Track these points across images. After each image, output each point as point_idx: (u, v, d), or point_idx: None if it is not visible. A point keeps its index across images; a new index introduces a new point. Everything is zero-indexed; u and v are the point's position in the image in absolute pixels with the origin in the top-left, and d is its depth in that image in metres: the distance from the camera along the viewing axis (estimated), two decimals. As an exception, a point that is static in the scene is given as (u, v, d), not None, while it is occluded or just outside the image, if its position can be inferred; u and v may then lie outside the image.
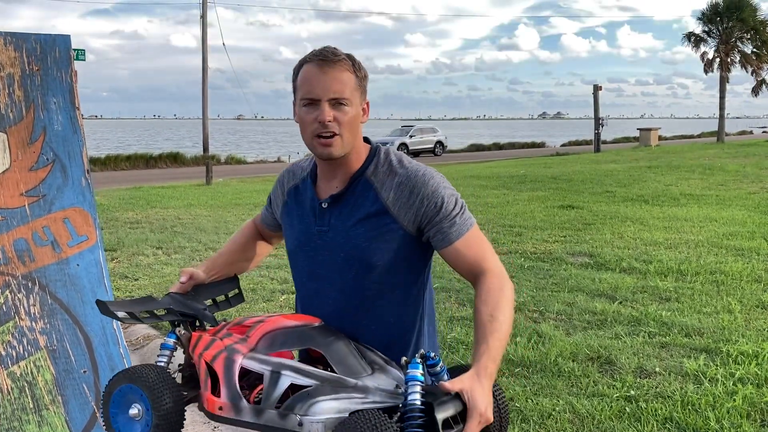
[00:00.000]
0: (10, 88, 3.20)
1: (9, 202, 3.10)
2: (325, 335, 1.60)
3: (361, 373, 1.50)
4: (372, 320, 1.71)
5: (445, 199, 1.64)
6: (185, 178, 19.87)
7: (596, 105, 32.86)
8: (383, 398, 1.43)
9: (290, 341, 1.57)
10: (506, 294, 1.58)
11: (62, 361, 2.98)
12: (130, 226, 10.10)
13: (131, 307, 1.72)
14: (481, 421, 1.36)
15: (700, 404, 3.57)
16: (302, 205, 1.80)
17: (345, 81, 1.64)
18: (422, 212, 1.64)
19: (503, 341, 1.50)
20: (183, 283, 1.85)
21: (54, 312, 3.03)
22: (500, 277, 1.61)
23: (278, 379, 1.46)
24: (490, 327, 1.50)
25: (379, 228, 1.66)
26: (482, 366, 1.43)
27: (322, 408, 1.40)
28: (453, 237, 1.63)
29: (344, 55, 1.66)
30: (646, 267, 6.79)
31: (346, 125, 1.64)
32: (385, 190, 1.67)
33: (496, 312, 1.52)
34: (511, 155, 33.79)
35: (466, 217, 1.66)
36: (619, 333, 4.78)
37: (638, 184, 14.84)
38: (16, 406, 2.81)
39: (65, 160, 3.24)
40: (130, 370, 1.59)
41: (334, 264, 1.71)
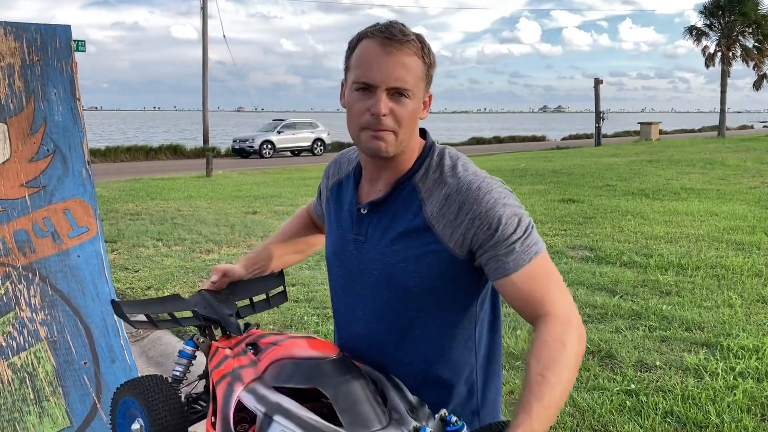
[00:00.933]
0: (10, 78, 3.18)
1: (9, 193, 3.08)
2: (339, 372, 1.35)
3: (372, 426, 1.27)
4: (406, 352, 1.46)
5: (503, 219, 1.33)
6: (185, 170, 19.85)
7: (597, 99, 32.81)
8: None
9: (297, 376, 1.35)
10: (568, 349, 1.24)
11: (63, 352, 2.97)
12: (130, 218, 10.10)
13: (151, 307, 1.57)
14: None
15: (700, 398, 3.57)
16: (342, 206, 1.55)
17: (411, 68, 1.36)
18: (472, 234, 1.35)
19: (552, 409, 1.18)
20: (215, 282, 1.66)
21: (54, 303, 3.03)
22: (564, 325, 1.28)
23: (270, 424, 1.27)
24: (537, 390, 1.18)
25: (418, 247, 1.39)
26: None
27: None
28: (509, 268, 1.32)
29: (414, 36, 1.37)
30: (646, 261, 6.78)
31: (404, 122, 1.37)
32: (431, 203, 1.40)
33: (548, 372, 1.20)
34: (511, 148, 33.74)
35: (529, 243, 1.34)
36: (619, 327, 4.78)
37: (639, 178, 14.82)
38: (16, 397, 2.81)
39: (66, 151, 3.22)
40: (133, 382, 1.49)
41: (368, 281, 1.46)
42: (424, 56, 1.38)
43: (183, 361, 1.58)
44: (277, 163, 23.88)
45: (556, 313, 1.29)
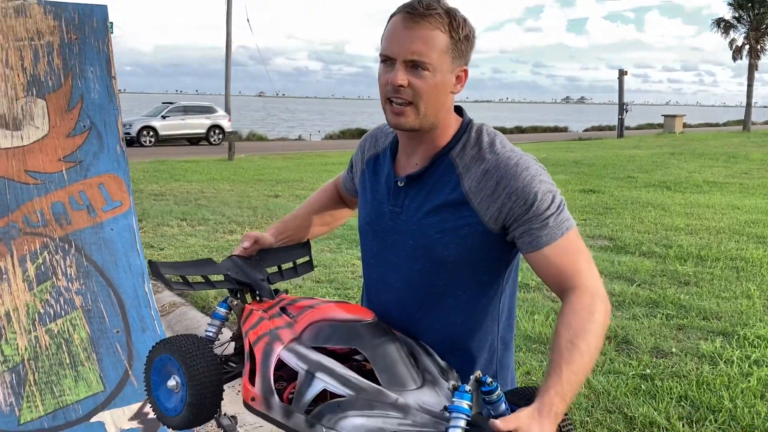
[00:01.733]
0: (49, 56, 3.29)
1: (47, 167, 3.20)
2: (375, 335, 1.41)
3: (408, 385, 1.33)
4: (436, 319, 1.51)
5: (539, 195, 1.38)
6: (208, 154, 20.04)
7: (621, 90, 32.54)
8: (423, 422, 1.25)
9: (336, 337, 1.41)
10: (596, 318, 1.30)
11: (96, 320, 3.09)
12: (155, 198, 10.27)
13: (185, 270, 1.62)
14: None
15: (714, 384, 3.63)
16: (379, 178, 1.60)
17: (431, 41, 1.37)
18: (508, 208, 1.39)
19: (581, 375, 1.25)
20: (246, 248, 1.71)
21: (89, 274, 3.15)
22: (593, 297, 1.33)
23: (312, 381, 1.32)
24: (567, 356, 1.25)
25: (455, 220, 1.44)
26: (547, 402, 1.20)
27: (350, 424, 1.25)
28: (543, 242, 1.38)
29: (442, 9, 1.39)
30: (665, 251, 6.81)
31: (424, 94, 1.39)
32: (468, 177, 1.44)
33: (578, 339, 1.26)
34: (533, 139, 33.60)
35: (562, 219, 1.39)
36: (636, 314, 4.84)
37: (661, 171, 14.75)
38: (53, 361, 2.93)
39: (101, 127, 3.33)
40: (170, 341, 1.53)
41: (402, 251, 1.52)
42: (451, 30, 1.39)
43: (216, 323, 1.64)
44: (300, 148, 23.99)
45: (585, 285, 1.34)
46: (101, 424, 2.91)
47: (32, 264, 3.03)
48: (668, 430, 3.18)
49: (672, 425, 3.21)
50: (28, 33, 3.26)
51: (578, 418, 3.30)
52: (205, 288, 1.64)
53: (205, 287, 1.63)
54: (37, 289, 3.01)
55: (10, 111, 3.15)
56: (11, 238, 3.02)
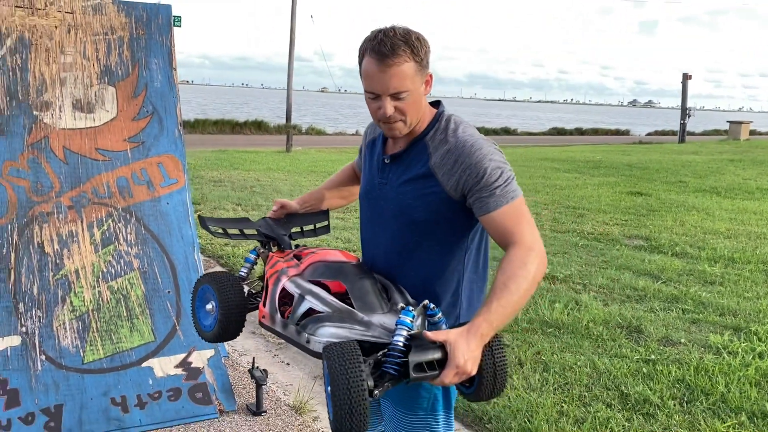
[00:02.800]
0: (120, 48, 3.76)
1: (114, 146, 3.67)
2: (356, 273, 1.79)
3: (376, 311, 1.67)
4: (410, 268, 1.85)
5: (488, 170, 1.70)
6: (267, 145, 20.71)
7: (684, 94, 31.89)
8: (380, 335, 1.59)
9: (327, 273, 1.80)
10: (528, 268, 1.60)
11: (151, 281, 3.54)
12: (214, 184, 10.86)
13: (226, 224, 2.08)
14: (457, 372, 1.48)
15: (713, 371, 3.85)
16: (373, 157, 1.96)
17: (404, 74, 1.70)
18: (464, 181, 1.72)
19: (508, 309, 1.57)
20: (275, 211, 2.16)
21: (146, 241, 3.60)
22: (527, 251, 1.63)
23: (302, 301, 1.71)
24: (498, 293, 1.57)
25: (423, 189, 1.78)
26: (476, 324, 1.53)
27: (326, 332, 1.61)
28: (491, 207, 1.68)
29: (402, 44, 1.69)
30: (698, 253, 6.94)
31: (408, 111, 1.75)
32: (435, 156, 1.77)
33: (510, 281, 1.58)
34: (591, 141, 33.28)
35: (508, 190, 1.70)
36: (654, 307, 5.06)
37: (714, 176, 14.62)
38: (113, 313, 3.39)
39: (162, 113, 3.79)
40: (210, 274, 1.97)
41: (387, 214, 1.87)
42: (414, 56, 1.71)
43: (247, 265, 2.06)
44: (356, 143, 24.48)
45: (521, 242, 1.66)
46: (150, 369, 3.36)
47: (98, 230, 3.50)
48: (660, 407, 3.44)
49: (664, 403, 3.47)
50: (103, 28, 3.74)
51: (577, 392, 3.59)
52: (240, 239, 2.09)
53: (239, 238, 2.08)
54: (101, 251, 3.48)
55: (85, 96, 3.64)
56: (82, 207, 3.49)
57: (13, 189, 3.32)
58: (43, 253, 3.32)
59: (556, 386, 3.67)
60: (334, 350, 1.49)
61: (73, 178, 3.49)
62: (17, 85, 3.43)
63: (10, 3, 3.46)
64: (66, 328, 3.27)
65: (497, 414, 3.36)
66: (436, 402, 1.88)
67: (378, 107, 1.76)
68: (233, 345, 4.29)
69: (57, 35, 3.57)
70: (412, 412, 1.87)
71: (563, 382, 3.72)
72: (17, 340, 3.15)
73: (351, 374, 1.43)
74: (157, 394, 3.30)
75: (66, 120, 3.55)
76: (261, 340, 4.46)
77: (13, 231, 3.27)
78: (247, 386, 3.70)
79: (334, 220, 7.90)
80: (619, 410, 3.42)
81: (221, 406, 3.41)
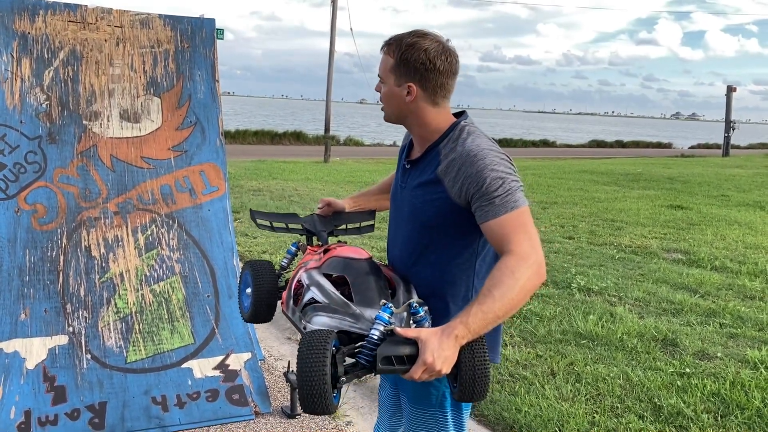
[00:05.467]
0: (165, 61, 3.91)
1: (159, 155, 3.81)
2: (361, 268, 1.89)
3: (373, 305, 1.75)
4: (421, 269, 1.94)
5: (488, 180, 1.75)
6: (306, 156, 20.97)
7: (728, 107, 31.31)
8: (367, 327, 1.69)
9: (337, 267, 1.92)
10: (516, 277, 1.62)
11: (191, 285, 3.66)
12: (253, 193, 11.05)
13: (273, 218, 2.26)
14: (426, 369, 1.56)
15: (750, 386, 3.81)
16: (400, 162, 2.11)
17: (383, 64, 1.94)
18: (466, 189, 1.80)
19: (489, 315, 1.61)
20: (321, 208, 2.32)
21: (188, 246, 3.73)
22: (519, 261, 1.65)
23: (307, 291, 1.86)
24: (481, 298, 1.63)
25: (431, 194, 1.88)
26: (451, 326, 1.59)
27: (318, 320, 1.76)
28: (489, 216, 1.74)
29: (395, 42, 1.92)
30: (738, 267, 6.84)
31: (383, 98, 1.97)
32: (444, 163, 1.87)
33: (494, 288, 1.62)
34: (632, 153, 32.85)
35: (509, 200, 1.74)
36: (691, 321, 5.01)
37: (759, 191, 14.34)
38: (155, 315, 3.52)
39: (204, 123, 3.92)
40: (251, 262, 2.13)
41: (404, 215, 2.00)
42: (393, 53, 1.90)
43: (288, 256, 2.22)
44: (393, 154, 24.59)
45: (515, 251, 1.67)
46: (190, 369, 3.47)
47: (142, 235, 3.64)
48: (693, 420, 3.43)
49: (698, 416, 3.45)
50: (149, 41, 3.89)
51: (609, 403, 3.59)
52: (284, 232, 2.28)
53: (283, 231, 2.27)
54: (145, 256, 3.61)
55: (132, 107, 3.79)
56: (127, 213, 3.63)
57: (63, 195, 3.48)
58: (90, 256, 3.46)
59: (588, 397, 3.67)
60: (307, 336, 1.59)
61: (120, 185, 3.63)
62: (68, 95, 3.59)
63: (63, 18, 3.64)
64: (110, 329, 3.40)
65: (528, 423, 3.39)
66: (444, 399, 1.97)
67: None
68: (269, 350, 4.39)
69: (106, 48, 3.73)
70: (423, 408, 1.98)
71: (595, 393, 3.73)
72: (65, 339, 3.29)
73: (313, 359, 1.53)
74: (195, 395, 3.40)
75: (113, 129, 3.70)
76: (296, 345, 4.55)
77: (63, 235, 3.42)
78: (282, 389, 3.79)
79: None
80: (652, 422, 3.41)
81: (257, 408, 3.50)
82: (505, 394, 3.66)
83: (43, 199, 3.42)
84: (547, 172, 17.16)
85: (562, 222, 9.33)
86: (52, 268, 3.36)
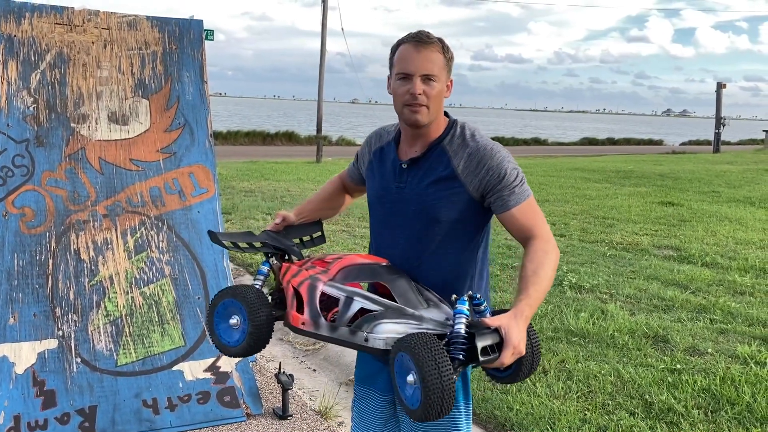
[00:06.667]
0: (153, 63, 3.90)
1: (148, 157, 3.80)
2: (390, 273, 1.92)
3: (418, 307, 1.79)
4: (432, 265, 1.97)
5: (508, 171, 1.89)
6: (298, 156, 20.95)
7: (719, 103, 31.46)
8: (435, 326, 1.71)
9: (363, 275, 1.90)
10: (551, 257, 1.83)
11: (181, 287, 3.65)
12: (245, 194, 11.03)
13: (236, 238, 2.09)
14: (514, 352, 1.62)
15: (740, 381, 3.83)
16: (385, 164, 2.07)
17: (435, 60, 1.89)
18: (486, 180, 1.89)
19: (542, 293, 1.77)
20: (277, 223, 2.21)
21: (177, 248, 3.71)
22: (548, 242, 1.86)
23: (351, 303, 1.80)
24: (532, 279, 1.77)
25: (447, 190, 1.92)
26: (520, 309, 1.69)
27: (384, 329, 1.71)
28: (511, 204, 1.88)
29: (436, 39, 1.92)
30: (729, 263, 6.87)
31: (433, 98, 1.90)
32: (456, 159, 1.92)
33: (539, 269, 1.79)
34: (623, 151, 32.96)
35: (524, 189, 1.91)
36: (681, 317, 5.03)
37: (749, 186, 14.41)
38: (145, 318, 3.51)
39: (193, 124, 3.91)
40: (233, 288, 1.97)
41: (406, 215, 1.98)
42: (444, 52, 1.92)
43: (261, 278, 2.05)
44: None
45: (542, 235, 1.88)
46: (180, 372, 3.46)
47: (132, 237, 3.62)
48: (684, 416, 3.44)
49: (688, 412, 3.47)
50: (137, 43, 3.88)
51: (601, 400, 3.60)
52: (251, 251, 2.13)
53: (250, 250, 2.12)
54: (134, 258, 3.60)
55: (120, 109, 3.77)
56: (116, 215, 3.62)
57: (52, 198, 3.46)
58: (80, 259, 3.45)
59: (580, 394, 3.68)
60: (415, 341, 1.57)
61: (108, 188, 3.62)
62: (56, 98, 3.58)
63: (50, 20, 3.62)
64: (100, 332, 3.39)
65: (519, 421, 3.39)
66: (458, 393, 1.98)
67: (407, 89, 1.90)
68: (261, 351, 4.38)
69: (94, 50, 3.72)
70: None
71: (587, 390, 3.73)
72: (54, 343, 3.28)
73: (441, 361, 1.53)
74: (186, 397, 3.40)
75: (102, 132, 3.69)
76: (288, 346, 4.55)
77: (51, 238, 3.41)
78: (274, 391, 3.78)
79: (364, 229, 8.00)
80: (643, 418, 3.42)
81: (248, 410, 3.50)
82: (496, 393, 3.67)
83: (32, 203, 3.40)
84: (539, 170, 17.19)
85: (553, 220, 9.35)
86: (41, 271, 3.34)
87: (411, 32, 1.95)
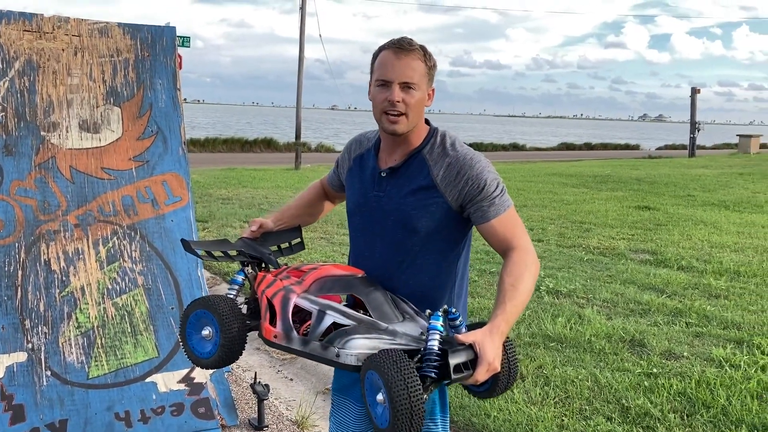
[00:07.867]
0: (125, 70, 3.85)
1: (120, 165, 3.75)
2: (366, 285, 1.86)
3: (393, 320, 1.75)
4: (410, 276, 1.94)
5: (488, 181, 1.85)
6: (276, 163, 20.85)
7: (693, 108, 31.84)
8: (408, 342, 1.67)
9: (337, 287, 1.85)
10: (530, 270, 1.78)
11: (155, 297, 3.60)
12: (222, 202, 10.95)
13: (209, 246, 2.03)
14: (489, 369, 1.59)
15: (715, 384, 3.85)
16: (364, 171, 2.03)
17: (415, 68, 1.85)
18: (466, 191, 1.85)
19: (519, 307, 1.73)
20: (254, 231, 2.14)
21: (150, 257, 3.66)
22: (527, 254, 1.81)
23: (323, 317, 1.75)
24: (509, 294, 1.72)
25: (426, 200, 1.88)
26: (496, 324, 1.65)
27: (356, 344, 1.66)
28: (491, 215, 1.85)
29: (418, 46, 1.88)
30: (704, 266, 6.94)
31: (412, 107, 1.86)
32: (436, 168, 1.89)
33: (518, 283, 1.74)
34: (601, 155, 33.22)
35: (504, 200, 1.87)
36: (658, 321, 5.06)
37: (723, 190, 14.59)
38: (117, 329, 3.45)
39: (166, 132, 3.86)
40: (205, 299, 1.93)
41: (385, 224, 1.95)
42: (425, 60, 1.89)
43: (235, 287, 2.02)
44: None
45: (522, 246, 1.84)
46: (154, 383, 3.40)
47: (104, 247, 3.57)
48: (660, 420, 3.45)
49: (664, 416, 3.48)
50: (109, 50, 3.83)
51: (578, 405, 3.61)
52: (226, 260, 2.06)
53: (225, 259, 2.05)
54: (107, 268, 3.54)
55: (91, 117, 3.72)
56: (88, 225, 3.56)
57: (21, 208, 3.40)
58: (50, 270, 3.38)
59: (557, 400, 3.68)
60: (384, 359, 1.53)
61: (80, 197, 3.56)
62: (25, 106, 3.52)
63: (18, 27, 3.56)
64: (71, 344, 3.33)
65: (497, 428, 3.38)
66: (434, 406, 1.97)
67: (385, 96, 1.86)
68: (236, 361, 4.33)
69: (64, 58, 3.66)
70: None
71: (564, 395, 3.74)
72: (23, 356, 3.21)
73: (410, 381, 1.49)
74: (160, 409, 3.34)
75: (73, 140, 3.63)
76: (265, 355, 4.51)
77: (21, 249, 3.34)
78: (249, 401, 3.74)
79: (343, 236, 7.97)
80: (620, 423, 3.43)
81: (223, 421, 3.45)
82: (474, 400, 3.65)
83: (0, 213, 3.34)
84: (517, 176, 17.27)
85: (531, 225, 9.39)
86: (9, 283, 3.28)
87: (393, 38, 1.91)
